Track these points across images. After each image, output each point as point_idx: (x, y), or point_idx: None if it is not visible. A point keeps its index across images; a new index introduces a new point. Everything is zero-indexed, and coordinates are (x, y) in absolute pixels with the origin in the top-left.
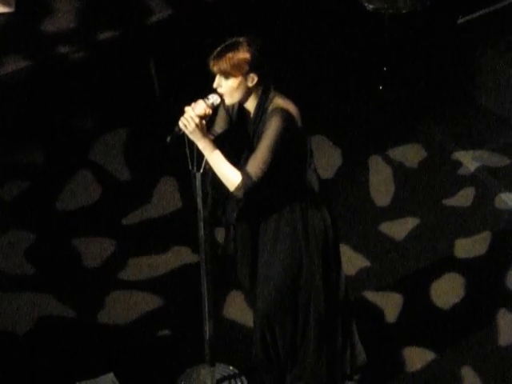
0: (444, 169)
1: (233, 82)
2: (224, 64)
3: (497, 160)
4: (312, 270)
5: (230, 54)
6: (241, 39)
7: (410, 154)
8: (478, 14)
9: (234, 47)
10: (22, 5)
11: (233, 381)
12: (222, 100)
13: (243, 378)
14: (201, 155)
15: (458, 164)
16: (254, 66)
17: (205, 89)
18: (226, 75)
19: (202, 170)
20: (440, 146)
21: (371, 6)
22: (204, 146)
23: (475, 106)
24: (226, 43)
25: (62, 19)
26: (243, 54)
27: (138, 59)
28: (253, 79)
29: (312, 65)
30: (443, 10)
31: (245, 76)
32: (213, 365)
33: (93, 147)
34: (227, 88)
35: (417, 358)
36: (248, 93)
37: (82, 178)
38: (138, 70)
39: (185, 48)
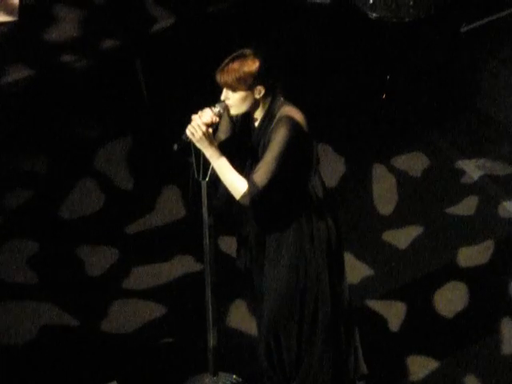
0: (447, 177)
1: (240, 95)
2: (229, 78)
3: (500, 168)
4: (319, 277)
5: (235, 68)
6: (247, 52)
7: (414, 163)
8: (481, 22)
9: (239, 60)
10: (25, 14)
11: None
12: (228, 109)
13: None
14: (207, 163)
15: (462, 172)
16: (260, 78)
17: (208, 98)
18: (233, 88)
19: (207, 179)
20: (443, 154)
21: (374, 15)
22: (211, 153)
23: (478, 115)
24: (232, 56)
25: (64, 28)
26: (249, 68)
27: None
28: (260, 91)
29: (315, 73)
30: (446, 18)
31: (251, 89)
32: (216, 373)
33: (96, 156)
34: (234, 100)
35: (420, 366)
36: (256, 104)
37: (85, 186)
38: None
39: (187, 56)
